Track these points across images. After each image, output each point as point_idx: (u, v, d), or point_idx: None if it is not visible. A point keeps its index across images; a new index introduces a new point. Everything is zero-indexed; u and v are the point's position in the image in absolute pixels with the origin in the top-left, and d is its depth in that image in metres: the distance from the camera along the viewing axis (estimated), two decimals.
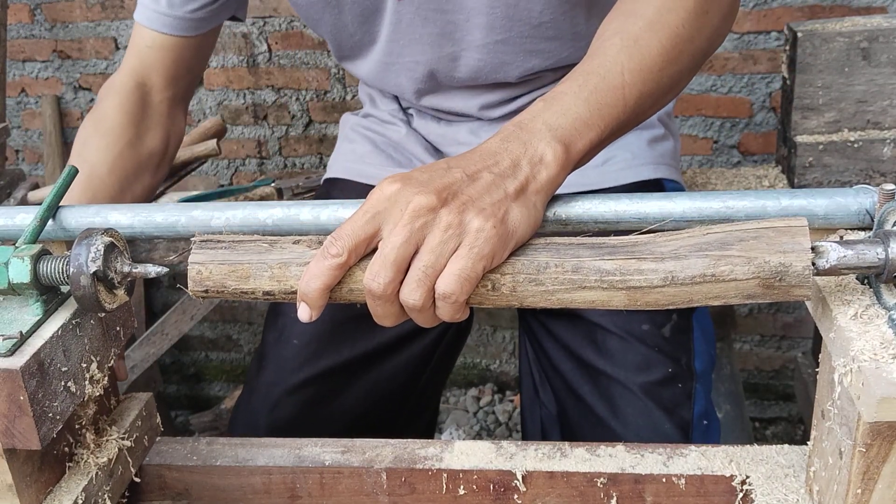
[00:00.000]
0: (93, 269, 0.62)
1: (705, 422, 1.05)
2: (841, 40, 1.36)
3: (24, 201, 1.46)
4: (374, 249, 0.63)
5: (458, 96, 1.13)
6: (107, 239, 0.64)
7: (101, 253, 0.63)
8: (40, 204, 0.72)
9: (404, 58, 1.09)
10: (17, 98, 2.34)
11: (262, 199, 1.55)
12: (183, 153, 1.47)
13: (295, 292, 0.64)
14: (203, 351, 2.53)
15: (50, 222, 0.77)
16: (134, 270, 0.65)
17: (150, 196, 1.11)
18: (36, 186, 1.53)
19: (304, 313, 0.63)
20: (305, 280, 0.62)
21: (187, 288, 0.65)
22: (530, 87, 1.12)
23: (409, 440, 0.80)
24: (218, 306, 2.36)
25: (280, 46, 2.16)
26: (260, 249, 0.64)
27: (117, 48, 2.22)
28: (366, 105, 1.30)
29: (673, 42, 0.76)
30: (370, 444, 0.80)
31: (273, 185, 1.58)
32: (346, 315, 1.11)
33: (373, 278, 0.61)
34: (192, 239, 0.65)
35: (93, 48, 2.23)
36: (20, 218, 0.77)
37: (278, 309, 1.16)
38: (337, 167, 1.25)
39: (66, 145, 2.33)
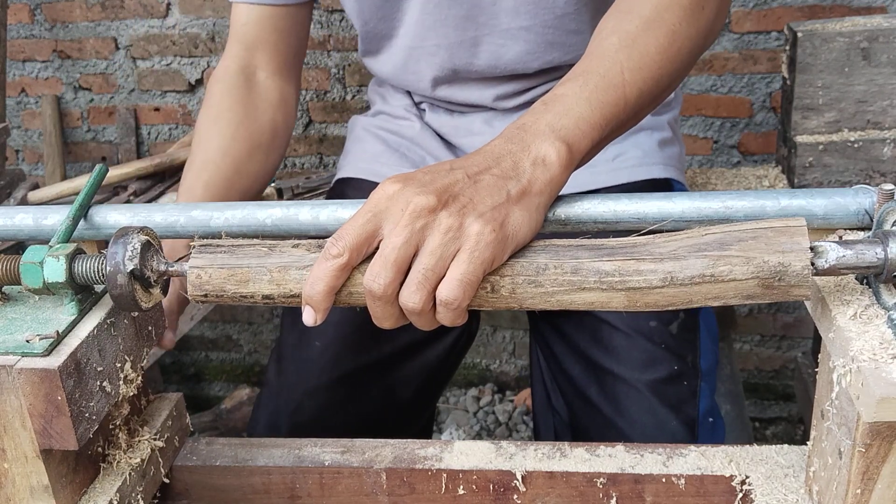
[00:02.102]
0: (130, 267, 0.62)
1: (710, 419, 1.05)
2: (841, 40, 1.36)
3: (24, 201, 1.46)
4: (374, 252, 0.63)
5: (474, 87, 1.13)
6: (143, 237, 0.64)
7: (138, 251, 0.63)
8: (41, 204, 0.72)
9: (427, 42, 1.09)
10: (17, 98, 2.34)
11: (262, 198, 1.55)
12: (183, 153, 1.47)
13: (294, 296, 0.63)
14: (203, 351, 2.53)
15: (44, 222, 0.77)
16: (170, 269, 0.65)
17: (268, 176, 1.13)
18: (36, 186, 1.53)
19: (309, 317, 0.63)
20: (309, 283, 0.62)
21: (186, 292, 0.64)
22: (546, 79, 1.13)
23: (408, 440, 0.80)
24: (218, 306, 2.36)
25: None
26: (259, 253, 0.64)
27: (117, 48, 2.22)
28: (376, 104, 1.30)
29: (670, 40, 0.77)
30: (370, 444, 0.80)
31: (273, 185, 1.58)
32: (367, 317, 1.11)
33: (373, 279, 0.61)
34: (191, 244, 0.65)
35: (93, 48, 2.23)
36: (20, 218, 0.77)
37: (297, 310, 1.16)
38: (349, 168, 1.24)
39: (66, 145, 2.33)
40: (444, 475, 0.76)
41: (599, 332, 1.07)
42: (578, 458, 0.76)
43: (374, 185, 1.18)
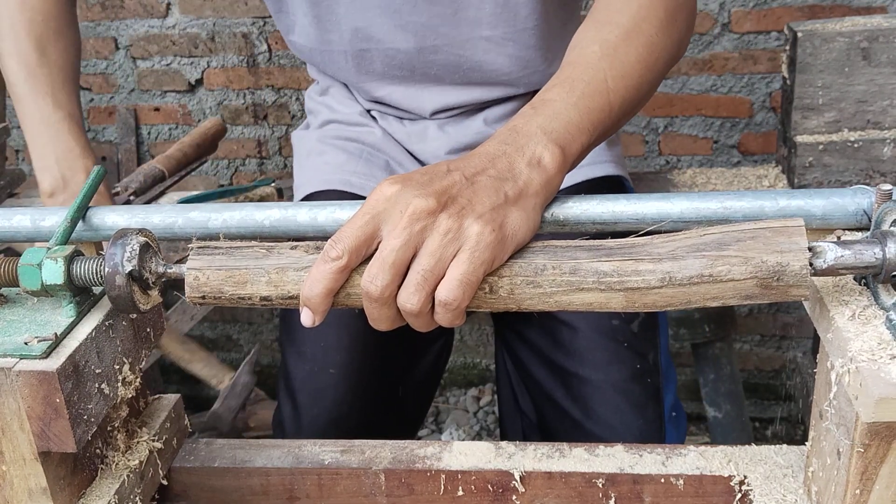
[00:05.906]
0: (128, 269, 0.62)
1: (674, 413, 1.07)
2: (841, 40, 1.36)
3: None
4: (373, 253, 0.63)
5: (420, 92, 1.12)
6: (142, 239, 0.64)
7: (137, 253, 0.63)
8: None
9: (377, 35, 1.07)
10: None
11: (261, 199, 1.55)
12: (189, 138, 1.47)
13: (292, 297, 0.63)
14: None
15: (42, 223, 0.77)
16: (169, 271, 0.65)
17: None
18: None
19: (307, 318, 0.63)
20: (308, 285, 0.62)
21: (184, 294, 0.64)
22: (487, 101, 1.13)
23: (407, 441, 0.80)
24: (218, 306, 2.36)
25: (280, 46, 2.16)
26: (257, 255, 0.64)
27: (117, 48, 2.22)
28: (321, 114, 1.25)
29: (649, 50, 0.79)
30: (368, 444, 0.80)
31: (273, 185, 1.58)
32: (374, 340, 1.09)
33: (371, 281, 0.61)
34: (189, 245, 0.65)
35: (93, 48, 2.23)
36: (17, 219, 0.77)
37: (301, 338, 1.11)
38: (314, 181, 1.18)
39: None
40: (443, 476, 0.76)
41: (560, 335, 1.07)
42: (577, 458, 0.76)
43: (347, 195, 1.15)
